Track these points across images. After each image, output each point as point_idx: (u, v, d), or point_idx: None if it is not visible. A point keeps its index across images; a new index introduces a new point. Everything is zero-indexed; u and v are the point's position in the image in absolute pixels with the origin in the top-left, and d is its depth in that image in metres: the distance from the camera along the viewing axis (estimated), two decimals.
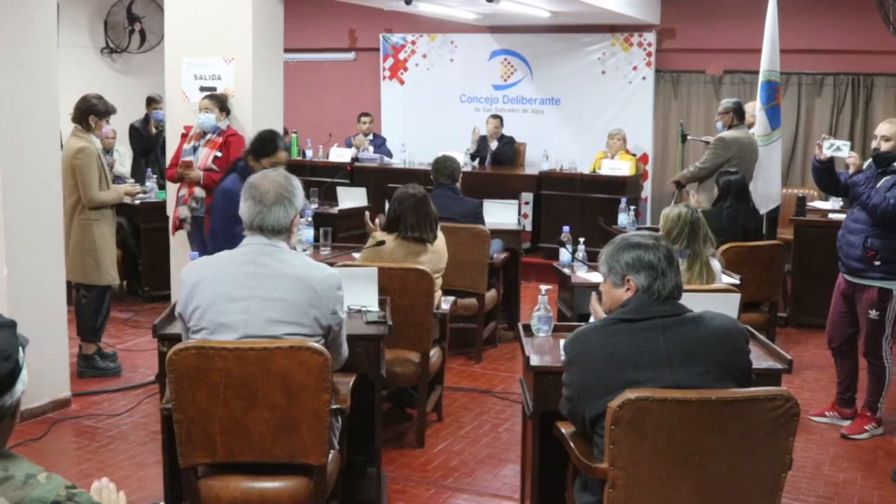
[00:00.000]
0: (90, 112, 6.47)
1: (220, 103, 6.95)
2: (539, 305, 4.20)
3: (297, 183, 3.66)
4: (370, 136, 11.33)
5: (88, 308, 6.54)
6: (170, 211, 7.28)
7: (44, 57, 5.63)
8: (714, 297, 4.46)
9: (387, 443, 5.00)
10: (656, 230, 5.13)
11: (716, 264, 5.15)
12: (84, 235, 6.43)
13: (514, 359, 6.89)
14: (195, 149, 6.94)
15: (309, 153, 11.28)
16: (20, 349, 2.06)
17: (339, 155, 10.86)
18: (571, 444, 3.27)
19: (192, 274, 3.60)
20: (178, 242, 7.27)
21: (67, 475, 4.74)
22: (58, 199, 5.83)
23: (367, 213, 6.27)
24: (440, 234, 5.48)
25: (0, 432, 2.02)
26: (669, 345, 3.02)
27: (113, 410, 5.80)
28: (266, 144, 5.84)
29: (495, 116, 11.19)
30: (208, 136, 6.91)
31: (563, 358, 3.29)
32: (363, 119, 11.41)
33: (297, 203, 3.63)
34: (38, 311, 5.51)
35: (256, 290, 3.47)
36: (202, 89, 7.26)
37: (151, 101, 10.16)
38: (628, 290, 3.13)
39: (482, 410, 5.86)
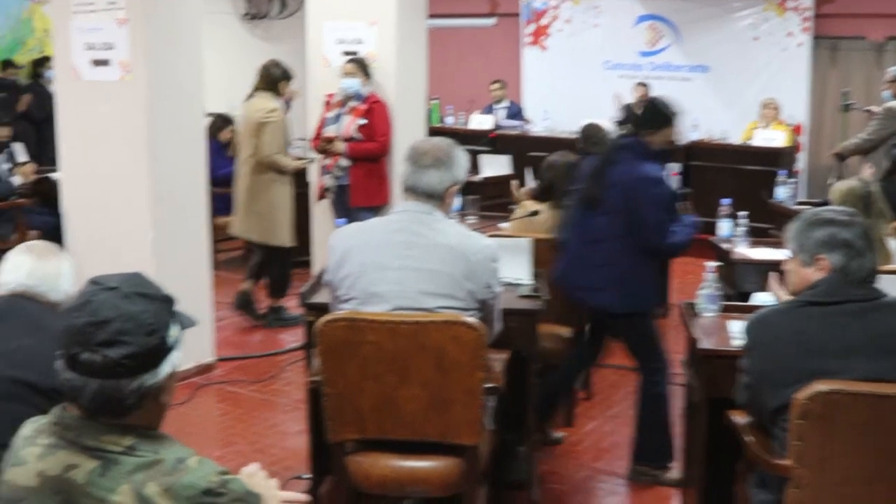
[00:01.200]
0: (282, 78, 6.61)
1: (364, 68, 6.82)
2: (706, 283, 3.93)
3: (460, 152, 3.47)
4: (504, 104, 11.08)
5: (273, 266, 6.76)
6: (313, 178, 7.20)
7: (188, 24, 5.60)
8: (892, 279, 4.11)
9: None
10: (818, 205, 4.77)
11: (892, 243, 4.77)
12: (260, 195, 6.54)
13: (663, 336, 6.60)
14: (338, 117, 6.83)
15: (449, 120, 11.13)
16: (173, 328, 1.92)
17: (480, 122, 10.67)
18: (748, 436, 3.01)
19: (343, 241, 3.45)
20: (321, 210, 7.20)
21: (211, 441, 4.76)
22: (202, 164, 5.80)
23: (514, 183, 6.07)
24: None
25: (148, 413, 1.89)
26: (865, 332, 2.73)
27: (256, 376, 5.76)
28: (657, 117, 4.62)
29: (642, 84, 10.81)
30: (351, 104, 6.79)
31: (741, 341, 3.03)
32: (494, 86, 11.17)
33: (455, 171, 3.43)
34: (183, 275, 5.50)
35: (410, 260, 3.30)
36: (345, 53, 7.14)
37: None
38: (820, 269, 2.84)
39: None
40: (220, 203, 7.64)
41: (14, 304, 2.99)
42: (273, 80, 6.66)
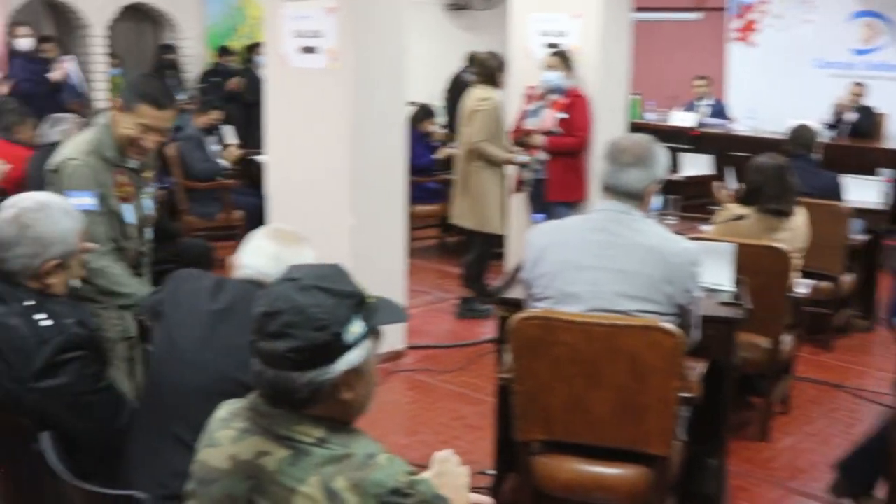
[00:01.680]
0: (498, 69, 6.66)
1: (567, 61, 6.74)
2: None
3: (660, 150, 3.36)
4: (708, 101, 10.75)
5: (474, 254, 6.82)
6: (511, 171, 7.18)
7: (394, 13, 5.66)
8: None
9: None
10: None
11: None
12: (471, 183, 6.64)
13: (867, 352, 6.28)
14: (538, 110, 6.79)
15: (650, 116, 10.90)
16: (355, 324, 1.84)
17: (682, 119, 10.40)
18: None
19: (540, 239, 3.40)
20: (517, 203, 7.17)
21: (398, 428, 4.79)
22: (402, 153, 5.86)
23: (716, 184, 5.87)
24: (802, 211, 4.98)
25: (331, 408, 1.86)
26: None
27: (446, 367, 5.78)
28: None
29: (858, 84, 10.28)
30: (551, 97, 6.72)
31: None
32: (698, 82, 10.86)
33: (655, 170, 3.33)
34: (379, 263, 5.57)
35: (607, 261, 3.22)
36: (548, 46, 7.07)
37: (472, 60, 10.20)
38: None
39: (834, 406, 5.32)
40: (419, 192, 7.74)
41: (248, 294, 2.67)
42: (490, 71, 6.69)
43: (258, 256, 2.76)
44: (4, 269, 2.82)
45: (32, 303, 2.77)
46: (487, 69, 6.71)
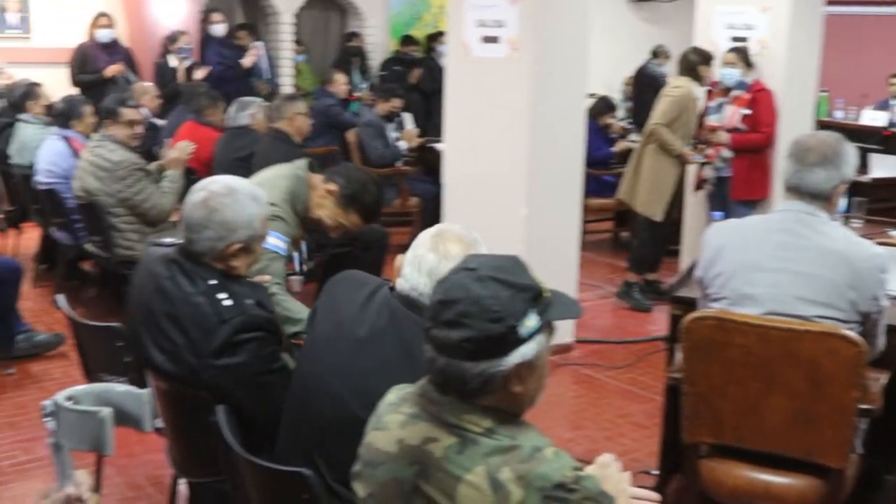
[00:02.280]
0: (700, 63, 6.62)
1: (745, 57, 6.58)
2: None
3: (849, 149, 3.22)
4: None
5: (640, 237, 6.83)
6: (691, 168, 7.04)
7: (578, 4, 5.62)
8: None
9: None
10: None
11: None
12: (644, 164, 6.65)
13: None
14: (720, 106, 6.64)
15: (838, 114, 10.49)
16: (530, 318, 1.82)
17: (873, 118, 9.95)
18: None
19: (717, 237, 3.31)
20: (696, 201, 7.03)
21: (562, 422, 4.76)
22: (580, 145, 5.83)
23: None
24: None
25: (502, 399, 1.85)
26: None
27: (613, 362, 5.72)
28: None
29: None
30: (734, 93, 6.56)
31: None
32: (893, 80, 10.35)
33: (843, 170, 3.19)
34: (552, 253, 5.56)
35: (789, 263, 3.11)
36: (733, 39, 6.90)
37: (657, 53, 10.02)
38: None
39: None
40: (594, 184, 7.69)
41: (393, 324, 2.48)
42: (691, 65, 6.65)
43: (417, 271, 2.50)
44: (192, 250, 2.94)
45: (215, 282, 2.89)
46: (688, 62, 6.67)
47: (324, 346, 2.56)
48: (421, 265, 2.48)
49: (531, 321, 1.83)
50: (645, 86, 10.11)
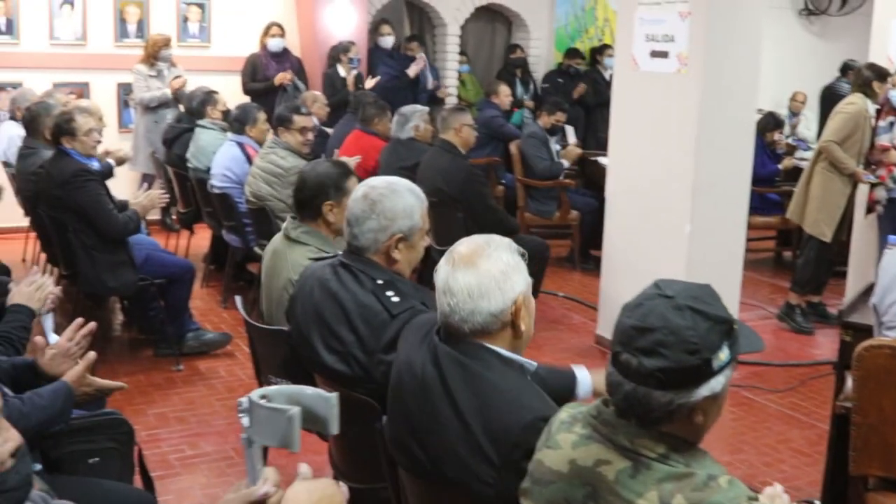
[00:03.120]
0: (874, 79, 6.46)
1: None
2: None
3: None
4: None
5: (805, 257, 6.63)
6: (863, 189, 6.80)
7: (750, 19, 5.50)
8: None
9: None
10: None
11: None
12: (814, 182, 6.50)
13: None
14: (891, 125, 6.39)
15: None
16: (724, 351, 1.80)
17: None
18: None
19: (894, 264, 3.20)
20: (867, 223, 6.77)
21: (720, 445, 4.68)
22: (748, 162, 5.71)
23: None
24: None
25: (682, 427, 1.84)
26: None
27: (775, 386, 5.55)
28: None
29: None
30: None
31: None
32: None
33: None
34: (714, 272, 5.42)
35: None
36: None
37: (847, 69, 9.68)
38: None
39: None
40: (758, 202, 7.52)
41: (479, 360, 2.31)
42: (865, 81, 6.48)
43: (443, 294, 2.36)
44: (356, 245, 3.03)
45: (382, 281, 2.96)
46: (863, 78, 6.49)
47: (405, 389, 2.47)
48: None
49: (724, 354, 1.81)
50: (832, 104, 9.84)
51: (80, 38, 9.12)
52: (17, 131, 7.09)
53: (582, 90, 10.49)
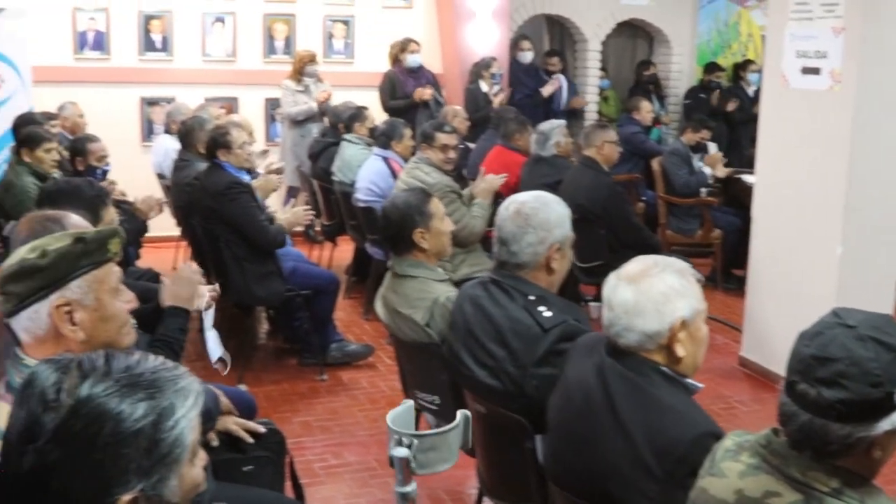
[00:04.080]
0: None
1: None
2: None
3: None
4: None
5: None
6: None
7: None
8: None
9: None
10: None
11: None
12: None
13: None
14: None
15: None
16: None
17: None
18: None
19: None
20: None
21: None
22: None
23: None
24: None
25: (857, 461, 1.78)
26: None
27: None
28: None
29: None
30: None
31: None
32: None
33: None
34: (865, 296, 5.23)
35: None
36: None
37: None
38: None
39: None
40: None
41: (644, 376, 2.34)
42: None
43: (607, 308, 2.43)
44: (515, 262, 3.05)
45: (534, 297, 2.98)
46: None
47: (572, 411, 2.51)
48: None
49: None
50: None
51: (231, 55, 9.44)
52: (172, 144, 7.36)
53: (734, 106, 10.26)
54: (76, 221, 2.94)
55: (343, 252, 7.96)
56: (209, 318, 3.42)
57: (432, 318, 3.51)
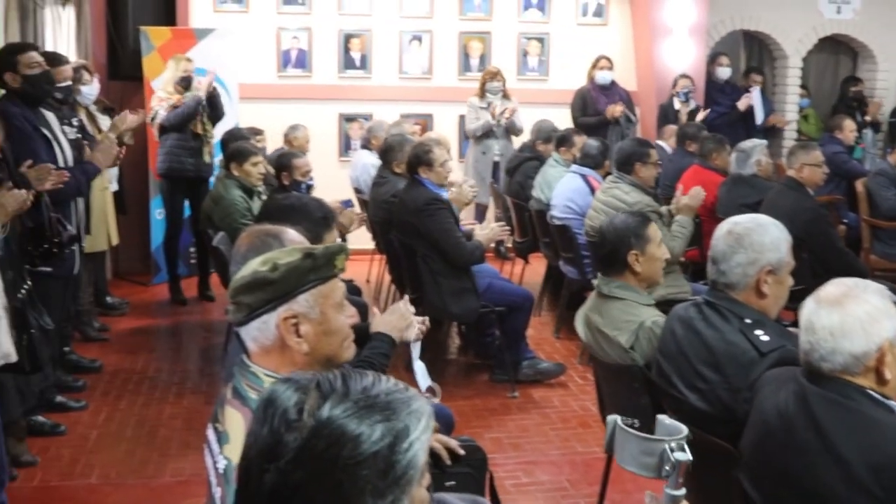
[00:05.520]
0: None
1: None
2: None
3: None
4: None
5: None
6: None
7: None
8: None
9: None
10: None
11: None
12: None
13: None
14: None
15: None
16: None
17: None
18: None
19: None
20: None
21: None
22: None
23: None
24: None
25: None
26: None
27: None
28: None
29: None
30: None
31: None
32: None
33: None
34: None
35: None
36: None
37: None
38: None
39: None
40: None
41: (852, 399, 2.29)
42: None
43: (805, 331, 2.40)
44: (723, 282, 2.99)
45: (750, 321, 2.92)
46: None
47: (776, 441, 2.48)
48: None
49: None
50: None
51: (427, 72, 9.62)
52: (370, 160, 7.55)
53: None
54: (293, 237, 3.03)
55: (535, 269, 7.97)
56: (417, 349, 3.49)
57: (637, 341, 3.48)
